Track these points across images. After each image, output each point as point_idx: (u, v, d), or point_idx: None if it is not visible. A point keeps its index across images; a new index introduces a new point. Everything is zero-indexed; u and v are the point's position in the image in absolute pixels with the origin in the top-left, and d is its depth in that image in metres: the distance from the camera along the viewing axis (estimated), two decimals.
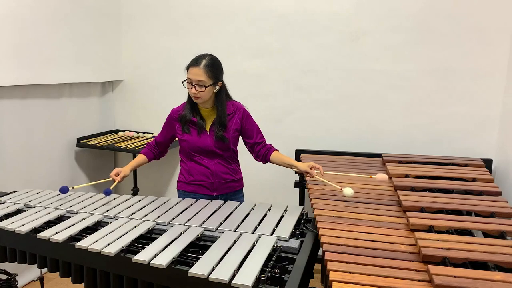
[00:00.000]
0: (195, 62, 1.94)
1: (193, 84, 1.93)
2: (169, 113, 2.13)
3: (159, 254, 1.40)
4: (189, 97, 2.03)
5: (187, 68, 1.97)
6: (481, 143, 2.71)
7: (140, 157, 2.16)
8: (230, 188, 2.12)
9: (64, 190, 2.05)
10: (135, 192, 3.31)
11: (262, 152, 2.13)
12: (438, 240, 1.37)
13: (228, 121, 2.03)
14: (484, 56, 2.63)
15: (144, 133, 3.48)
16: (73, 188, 2.11)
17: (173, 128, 2.10)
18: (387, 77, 2.83)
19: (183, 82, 1.98)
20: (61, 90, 3.04)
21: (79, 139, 3.20)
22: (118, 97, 3.59)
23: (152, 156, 2.19)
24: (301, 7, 2.92)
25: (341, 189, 1.82)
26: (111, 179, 2.07)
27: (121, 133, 3.49)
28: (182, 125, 2.05)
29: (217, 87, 1.99)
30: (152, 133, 3.45)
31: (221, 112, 2.02)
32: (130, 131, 3.51)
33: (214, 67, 1.95)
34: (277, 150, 2.14)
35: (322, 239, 1.43)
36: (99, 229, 1.64)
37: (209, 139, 2.03)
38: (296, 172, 2.77)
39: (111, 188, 2.02)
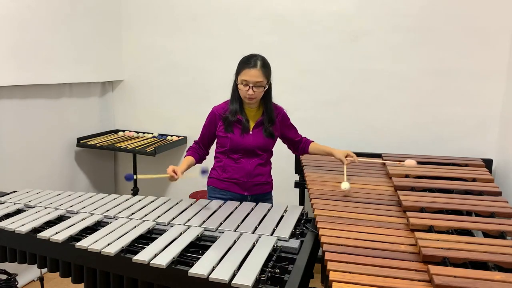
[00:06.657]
0: (252, 63, 1.90)
1: (250, 85, 1.90)
2: (210, 110, 2.08)
3: (159, 254, 1.40)
4: (237, 98, 2.00)
5: (240, 70, 1.92)
6: (481, 143, 2.71)
7: (189, 159, 2.06)
8: (261, 190, 2.12)
9: (129, 177, 1.88)
10: (135, 192, 3.30)
11: (302, 147, 2.19)
12: (438, 240, 1.37)
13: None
14: (484, 56, 2.63)
15: (144, 133, 3.47)
16: (136, 178, 1.98)
17: (215, 126, 2.07)
18: (387, 77, 2.83)
19: (237, 84, 1.94)
20: (61, 90, 3.04)
21: (79, 139, 3.20)
22: (118, 97, 3.58)
23: (198, 158, 2.11)
24: (301, 7, 2.92)
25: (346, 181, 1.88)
26: (169, 175, 1.90)
27: (121, 133, 3.49)
28: (225, 125, 2.02)
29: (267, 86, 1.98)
30: (152, 133, 3.44)
31: (269, 109, 2.04)
32: (130, 131, 3.51)
33: (267, 67, 1.95)
34: (313, 141, 2.20)
35: (322, 239, 1.43)
36: (99, 229, 1.64)
37: (251, 139, 2.02)
38: (296, 172, 2.79)
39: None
